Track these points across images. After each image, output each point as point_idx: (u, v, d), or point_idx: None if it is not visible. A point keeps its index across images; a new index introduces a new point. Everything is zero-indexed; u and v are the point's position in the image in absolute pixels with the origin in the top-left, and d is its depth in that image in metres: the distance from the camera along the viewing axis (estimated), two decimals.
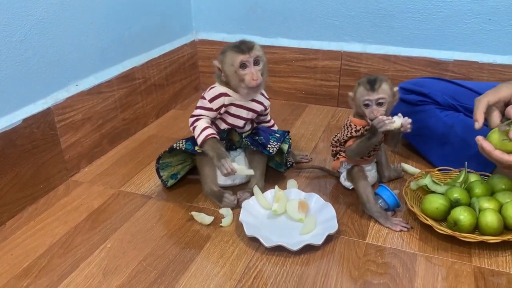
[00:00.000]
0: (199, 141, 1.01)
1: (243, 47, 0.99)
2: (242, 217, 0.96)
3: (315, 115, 1.56)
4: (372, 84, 0.96)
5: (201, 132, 1.01)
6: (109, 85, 1.30)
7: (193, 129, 1.03)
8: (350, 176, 1.06)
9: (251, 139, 1.08)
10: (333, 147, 1.10)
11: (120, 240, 0.95)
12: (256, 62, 1.01)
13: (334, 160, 1.12)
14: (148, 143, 1.38)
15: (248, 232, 0.92)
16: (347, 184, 1.09)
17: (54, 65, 1.13)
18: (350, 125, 1.02)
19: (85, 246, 0.94)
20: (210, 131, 1.01)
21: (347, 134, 1.02)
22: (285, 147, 1.12)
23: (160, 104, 1.55)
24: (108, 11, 1.28)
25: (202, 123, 1.02)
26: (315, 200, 1.02)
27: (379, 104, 0.96)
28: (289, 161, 1.15)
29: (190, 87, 1.72)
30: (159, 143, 1.37)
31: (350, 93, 1.01)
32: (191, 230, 0.98)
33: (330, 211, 0.98)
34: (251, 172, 1.01)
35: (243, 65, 0.99)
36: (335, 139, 1.09)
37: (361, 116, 1.01)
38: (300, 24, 1.57)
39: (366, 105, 0.97)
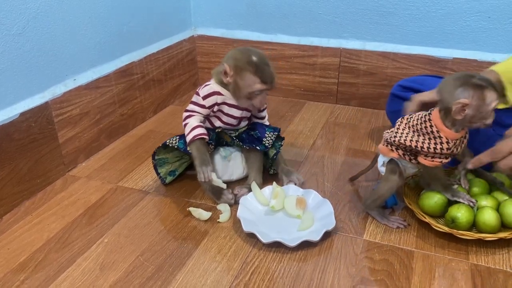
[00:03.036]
0: (187, 139, 1.01)
1: (267, 77, 0.97)
2: (240, 213, 0.96)
3: (313, 112, 1.55)
4: (495, 85, 0.83)
5: (191, 131, 1.01)
6: (107, 80, 1.29)
7: (185, 125, 1.04)
8: (388, 167, 0.96)
9: (247, 134, 1.08)
10: (391, 144, 0.94)
11: (117, 235, 0.95)
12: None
13: (385, 146, 0.95)
14: (146, 138, 1.38)
15: (246, 228, 0.92)
16: (382, 169, 0.97)
17: (52, 59, 1.13)
18: (440, 136, 0.86)
19: (82, 241, 0.94)
20: (199, 131, 1.01)
21: (435, 148, 0.86)
22: (272, 152, 1.11)
23: (158, 100, 1.55)
24: (107, 6, 1.27)
25: (193, 121, 1.03)
26: (313, 197, 1.02)
27: None
28: (273, 169, 1.14)
29: (188, 83, 1.71)
30: (157, 139, 1.36)
31: (464, 100, 0.81)
32: (189, 226, 0.98)
33: (328, 207, 0.98)
34: (224, 185, 1.00)
35: (258, 93, 0.99)
36: (403, 141, 0.90)
37: (454, 125, 0.85)
38: (300, 20, 1.57)
39: (493, 109, 0.83)
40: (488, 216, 0.89)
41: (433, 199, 0.93)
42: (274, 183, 1.04)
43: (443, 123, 0.86)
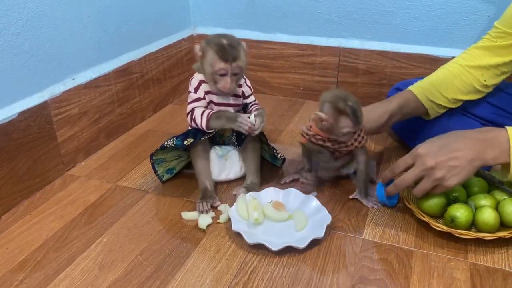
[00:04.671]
0: (204, 125, 1.01)
1: (228, 55, 0.96)
2: (235, 227, 0.92)
3: (312, 111, 1.54)
4: (357, 117, 0.95)
5: (201, 117, 1.01)
6: (106, 79, 1.29)
7: (193, 121, 1.03)
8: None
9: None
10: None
11: (116, 235, 0.95)
12: (234, 73, 0.99)
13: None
14: (145, 137, 1.38)
15: (250, 240, 0.89)
16: None
17: (51, 58, 1.12)
18: (313, 132, 1.03)
19: (81, 241, 0.94)
20: (208, 110, 1.02)
21: (305, 130, 1.05)
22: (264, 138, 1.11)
23: (158, 99, 1.55)
24: (105, 5, 1.27)
25: (198, 111, 1.03)
26: (295, 195, 1.02)
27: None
28: (280, 155, 1.13)
29: (187, 82, 1.70)
30: (156, 138, 1.36)
31: (322, 115, 0.97)
32: (188, 225, 0.98)
33: (315, 202, 0.98)
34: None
35: (221, 73, 0.98)
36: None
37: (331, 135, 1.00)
38: (299, 19, 1.57)
39: (345, 134, 0.97)
40: (487, 215, 0.89)
41: (433, 200, 0.93)
42: (249, 194, 1.01)
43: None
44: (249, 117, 1.00)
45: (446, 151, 0.84)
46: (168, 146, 1.04)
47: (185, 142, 1.03)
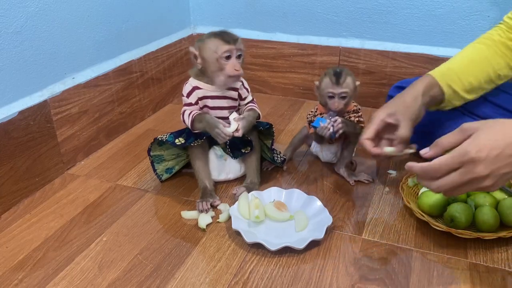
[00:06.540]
0: (189, 126, 1.02)
1: (228, 37, 0.98)
2: (235, 225, 0.93)
3: None
4: (337, 78, 1.03)
5: (188, 117, 1.02)
6: (106, 78, 1.29)
7: (184, 121, 1.04)
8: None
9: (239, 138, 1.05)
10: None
11: (116, 234, 0.95)
12: (238, 56, 1.00)
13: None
14: (145, 137, 1.37)
15: (249, 239, 0.89)
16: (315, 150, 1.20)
17: (51, 57, 1.12)
18: (316, 108, 1.12)
19: (81, 240, 0.94)
20: (194, 111, 1.02)
21: (308, 116, 1.14)
22: (269, 142, 1.11)
23: (158, 98, 1.55)
24: (105, 4, 1.27)
25: (187, 112, 1.04)
26: (297, 196, 1.01)
27: (342, 98, 1.04)
28: (280, 156, 1.13)
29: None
30: None
31: (316, 82, 1.08)
32: (188, 225, 0.98)
33: (317, 203, 0.98)
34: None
35: (227, 56, 0.98)
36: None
37: (324, 105, 1.09)
38: (299, 19, 1.57)
39: (330, 97, 1.05)
40: (487, 215, 0.89)
41: (432, 199, 0.93)
42: (252, 193, 1.01)
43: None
44: (230, 122, 1.00)
45: (503, 156, 0.67)
46: (160, 139, 1.04)
47: (176, 140, 1.03)
